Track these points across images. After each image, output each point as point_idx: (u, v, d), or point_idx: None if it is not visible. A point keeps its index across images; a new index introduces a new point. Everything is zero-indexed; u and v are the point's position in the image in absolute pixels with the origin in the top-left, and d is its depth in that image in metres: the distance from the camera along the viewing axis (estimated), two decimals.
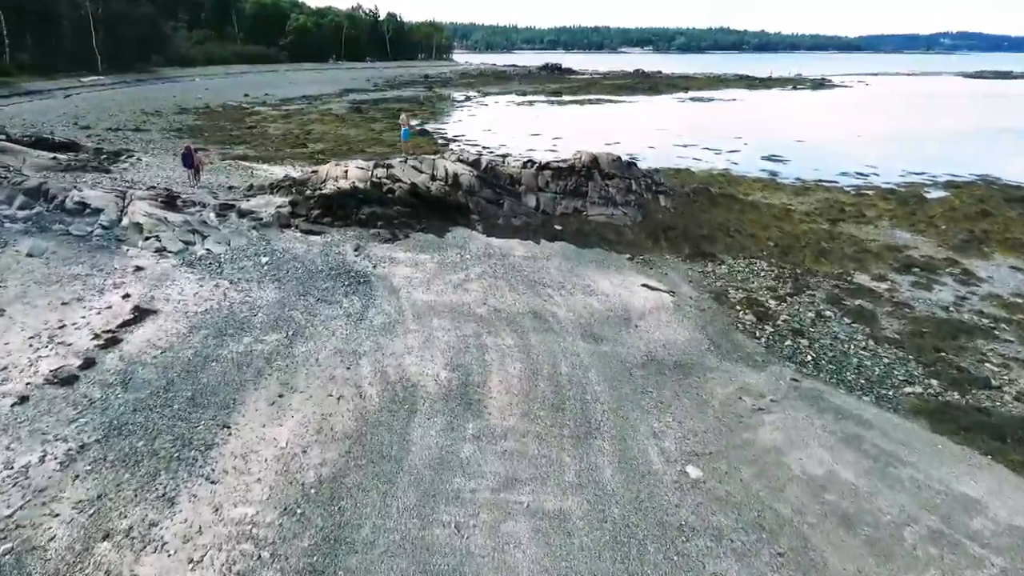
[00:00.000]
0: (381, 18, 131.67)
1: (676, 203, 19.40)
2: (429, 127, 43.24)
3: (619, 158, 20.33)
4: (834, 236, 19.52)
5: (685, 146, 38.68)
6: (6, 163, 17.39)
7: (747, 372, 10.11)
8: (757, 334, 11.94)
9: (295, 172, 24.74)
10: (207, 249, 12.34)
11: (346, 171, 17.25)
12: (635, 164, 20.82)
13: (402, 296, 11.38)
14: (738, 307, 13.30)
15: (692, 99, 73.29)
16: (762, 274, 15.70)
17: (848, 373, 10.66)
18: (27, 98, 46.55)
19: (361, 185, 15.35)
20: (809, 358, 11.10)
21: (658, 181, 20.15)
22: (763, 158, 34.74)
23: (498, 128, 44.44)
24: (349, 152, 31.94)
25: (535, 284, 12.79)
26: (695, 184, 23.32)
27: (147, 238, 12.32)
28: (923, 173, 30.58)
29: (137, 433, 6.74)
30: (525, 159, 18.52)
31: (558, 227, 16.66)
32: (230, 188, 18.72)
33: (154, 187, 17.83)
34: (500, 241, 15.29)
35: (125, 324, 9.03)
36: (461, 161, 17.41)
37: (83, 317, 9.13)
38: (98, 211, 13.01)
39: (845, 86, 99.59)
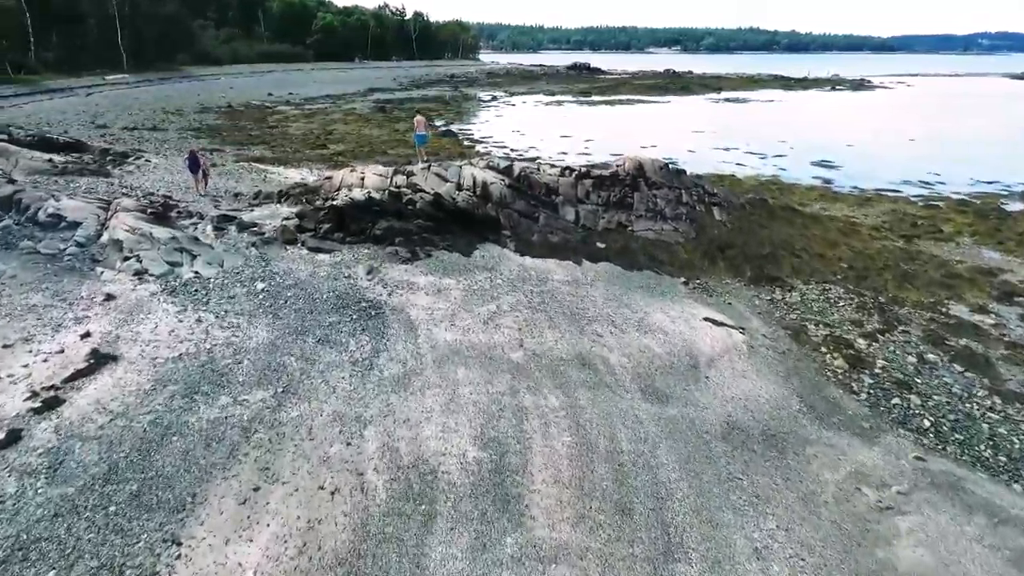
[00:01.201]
0: (407, 17, 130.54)
1: (732, 216, 17.13)
2: (455, 128, 41.38)
3: (667, 165, 18.13)
4: (913, 256, 17.07)
5: (726, 149, 36.22)
6: None
7: (856, 446, 7.91)
8: (854, 387, 9.70)
9: (311, 176, 23.02)
10: (195, 272, 10.51)
11: (362, 178, 15.36)
12: (684, 172, 18.59)
13: (421, 335, 9.39)
14: (823, 348, 11.05)
15: (727, 100, 70.32)
16: (841, 304, 13.39)
17: (981, 446, 8.38)
18: (48, 96, 45.86)
19: (377, 195, 13.42)
20: (927, 423, 8.83)
21: (711, 191, 17.89)
22: (813, 163, 32.13)
23: (526, 129, 42.39)
24: (371, 154, 30.19)
25: (579, 318, 10.70)
26: (749, 194, 20.97)
27: (126, 258, 10.53)
28: (995, 181, 27.73)
29: (48, 558, 4.83)
30: (563, 166, 16.43)
31: (601, 245, 14.54)
32: (236, 195, 16.97)
33: (152, 194, 16.16)
34: (535, 262, 13.23)
35: (75, 376, 7.18)
36: (491, 168, 15.39)
37: (25, 366, 7.31)
38: (75, 225, 11.29)
39: (885, 87, 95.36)
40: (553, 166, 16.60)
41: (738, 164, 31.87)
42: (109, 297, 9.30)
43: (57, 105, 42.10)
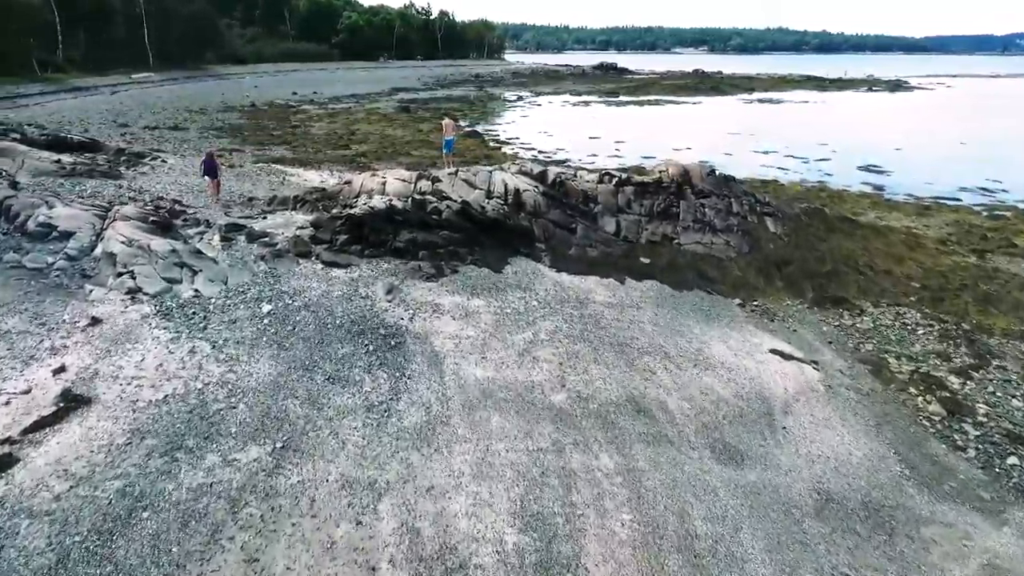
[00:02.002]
0: (433, 16, 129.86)
1: (787, 228, 15.54)
2: (480, 128, 40.16)
3: (714, 171, 16.59)
4: (990, 275, 15.31)
5: (765, 152, 34.41)
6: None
7: (981, 526, 6.40)
8: (958, 441, 8.14)
9: (331, 178, 21.92)
10: (195, 290, 9.33)
11: (383, 183, 14.12)
12: (734, 179, 17.03)
13: (447, 370, 8.07)
14: (911, 389, 9.49)
15: (760, 101, 68.03)
16: (920, 331, 11.78)
17: None
18: (74, 95, 45.72)
19: (399, 204, 12.14)
20: None
21: (763, 200, 16.31)
22: (859, 168, 30.20)
23: (554, 130, 40.95)
24: (394, 154, 29.07)
25: (628, 349, 9.29)
26: (802, 203, 19.30)
27: (120, 274, 9.39)
28: None
29: None
30: (602, 172, 15.00)
31: (645, 260, 13.09)
32: (250, 200, 15.87)
33: (161, 198, 15.13)
34: (574, 279, 11.84)
35: (37, 425, 6.01)
36: (524, 174, 14.04)
37: None
38: (67, 235, 10.20)
39: (924, 88, 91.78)
40: (591, 172, 15.19)
41: (780, 168, 30.08)
42: (94, 321, 8.15)
43: (81, 103, 41.85)
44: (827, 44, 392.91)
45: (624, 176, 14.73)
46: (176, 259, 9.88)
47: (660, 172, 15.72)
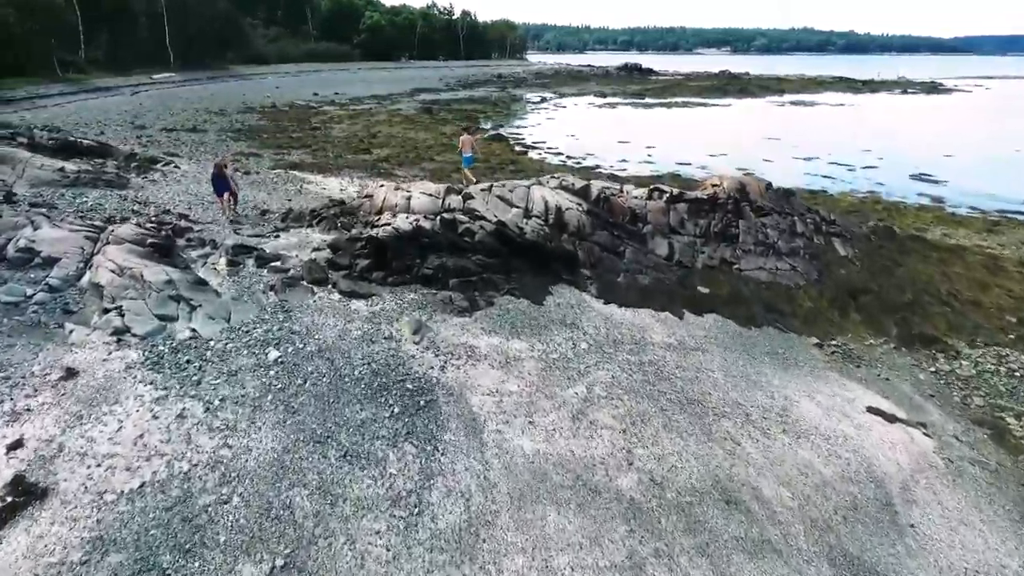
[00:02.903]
0: (455, 16, 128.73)
1: (857, 251, 13.84)
2: (505, 131, 38.73)
3: (770, 185, 14.93)
4: None
5: (807, 159, 32.52)
6: None
7: None
8: None
9: (351, 186, 20.61)
10: (192, 329, 7.98)
11: (408, 198, 12.70)
12: (793, 194, 15.36)
13: (489, 441, 6.60)
14: None
15: (792, 103, 65.64)
16: None
17: None
18: (94, 95, 45.15)
19: (427, 224, 10.70)
20: None
21: (828, 218, 14.61)
22: (912, 178, 28.22)
23: (581, 133, 39.36)
24: (416, 159, 27.76)
25: (701, 409, 7.75)
26: (866, 218, 17.54)
27: (107, 310, 8.07)
28: None
29: None
30: (651, 187, 13.42)
31: (704, 289, 11.51)
32: (263, 214, 14.55)
33: (167, 211, 13.87)
34: (625, 313, 10.30)
35: None
36: (565, 189, 12.53)
37: None
38: (51, 262, 8.92)
39: (961, 90, 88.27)
40: (639, 186, 13.62)
41: (825, 177, 28.20)
42: (68, 374, 6.82)
43: (101, 104, 41.21)
44: (853, 45, 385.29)
45: (676, 192, 13.14)
46: (172, 291, 8.54)
47: (714, 186, 14.11)
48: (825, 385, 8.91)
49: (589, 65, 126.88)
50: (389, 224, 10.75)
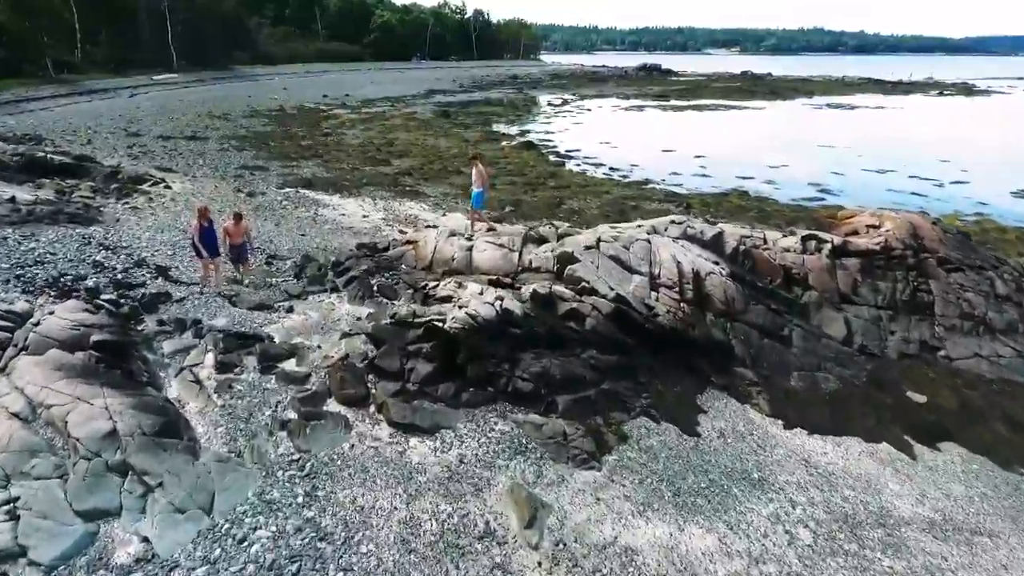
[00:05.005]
0: (468, 15, 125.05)
1: None
2: (533, 137, 35.14)
3: (946, 228, 11.20)
4: None
5: (880, 172, 28.68)
6: None
7: None
8: None
9: (375, 212, 17.00)
10: (143, 540, 4.36)
11: (468, 249, 9.05)
12: (969, 237, 11.65)
13: None
14: None
15: (829, 106, 61.59)
16: None
17: None
18: (88, 98, 41.73)
19: (516, 306, 7.05)
20: None
21: None
22: (1016, 195, 24.37)
23: (616, 140, 35.51)
24: (443, 172, 24.12)
25: None
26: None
27: None
28: None
29: None
30: (803, 233, 9.71)
31: (916, 396, 7.79)
32: (269, 263, 10.90)
33: (141, 262, 10.24)
34: (826, 447, 6.65)
35: None
36: (690, 239, 8.85)
37: None
38: None
39: (999, 92, 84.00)
40: (788, 234, 9.92)
41: (914, 195, 24.29)
42: None
43: (94, 108, 37.80)
44: (864, 45, 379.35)
45: (837, 241, 9.43)
46: (115, 454, 4.92)
47: (883, 233, 10.35)
48: None
49: (604, 65, 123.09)
50: (458, 303, 7.09)
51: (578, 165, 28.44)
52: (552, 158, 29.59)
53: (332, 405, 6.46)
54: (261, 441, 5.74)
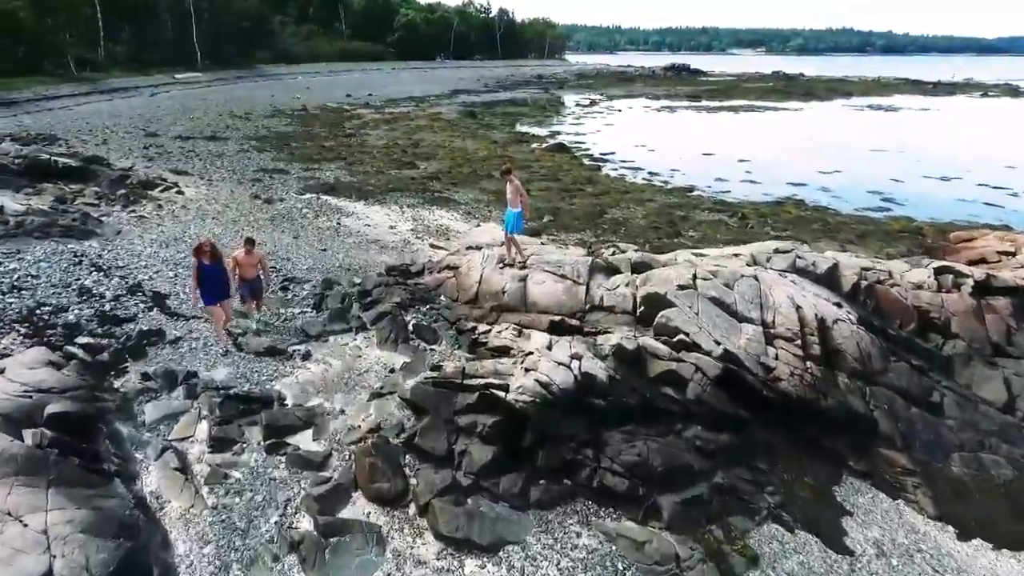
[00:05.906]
0: (492, 14, 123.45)
1: None
2: (565, 139, 33.40)
3: None
4: None
5: (944, 179, 26.39)
6: None
7: None
8: None
9: (403, 223, 15.40)
10: None
11: (522, 280, 7.37)
12: None
13: None
14: None
15: (870, 107, 58.75)
16: None
17: None
18: (109, 96, 40.94)
19: (600, 370, 5.35)
20: None
21: None
22: None
23: (651, 142, 33.48)
24: (472, 177, 22.45)
25: None
26: None
27: None
28: None
29: None
30: (935, 265, 7.86)
31: None
32: (285, 287, 9.34)
33: (137, 286, 8.74)
34: (1015, 568, 4.89)
35: None
36: (800, 272, 7.06)
37: None
38: None
39: None
40: (915, 265, 8.07)
41: (988, 205, 22.00)
42: None
43: (114, 107, 36.92)
44: (893, 45, 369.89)
45: (980, 276, 7.56)
46: None
47: (1003, 254, 8.48)
48: None
49: (630, 65, 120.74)
50: (521, 362, 5.41)
51: (615, 169, 26.63)
52: (587, 161, 27.87)
53: (359, 502, 4.82)
54: (263, 564, 4.12)
